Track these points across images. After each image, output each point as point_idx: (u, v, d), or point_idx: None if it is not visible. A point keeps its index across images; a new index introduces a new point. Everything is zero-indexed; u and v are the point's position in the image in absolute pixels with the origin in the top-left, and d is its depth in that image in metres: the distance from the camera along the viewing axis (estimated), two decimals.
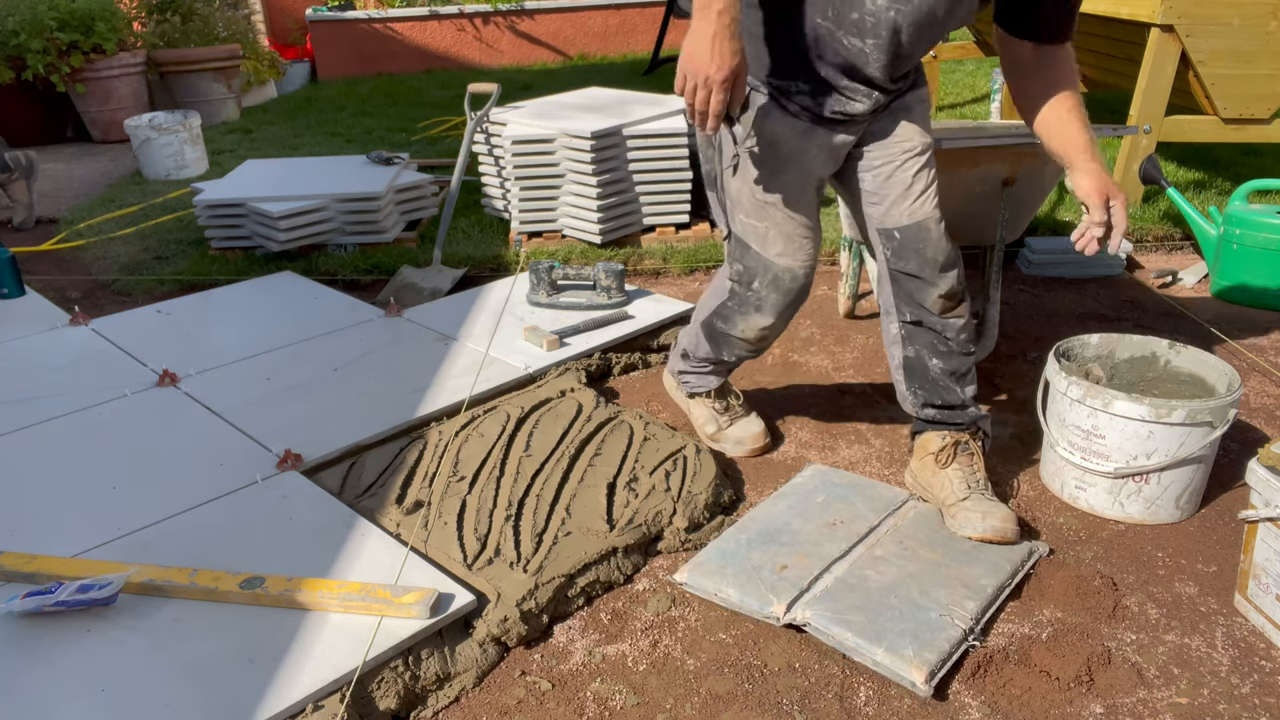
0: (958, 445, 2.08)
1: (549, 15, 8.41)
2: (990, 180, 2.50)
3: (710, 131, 1.73)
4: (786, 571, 1.87)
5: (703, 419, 2.41)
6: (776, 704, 1.62)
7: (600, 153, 3.53)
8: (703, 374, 2.37)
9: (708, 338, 2.25)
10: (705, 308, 2.24)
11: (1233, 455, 2.31)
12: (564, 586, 1.84)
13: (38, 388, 2.61)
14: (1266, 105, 3.76)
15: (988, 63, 6.98)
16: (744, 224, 2.02)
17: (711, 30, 1.64)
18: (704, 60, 1.65)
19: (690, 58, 1.67)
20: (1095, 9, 3.99)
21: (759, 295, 2.07)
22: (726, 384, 2.41)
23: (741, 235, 2.03)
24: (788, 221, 1.99)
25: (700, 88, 1.67)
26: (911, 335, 2.06)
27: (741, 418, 2.39)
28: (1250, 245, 3.15)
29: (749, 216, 2.00)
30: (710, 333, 2.23)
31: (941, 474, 2.07)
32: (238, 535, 1.96)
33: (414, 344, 2.85)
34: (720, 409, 2.39)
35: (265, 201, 3.64)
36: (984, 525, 1.96)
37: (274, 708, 1.51)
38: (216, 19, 6.81)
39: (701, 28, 1.65)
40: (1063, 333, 2.99)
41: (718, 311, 2.19)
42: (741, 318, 2.13)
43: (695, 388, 2.40)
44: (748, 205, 1.99)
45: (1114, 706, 1.60)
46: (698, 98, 1.69)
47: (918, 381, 2.10)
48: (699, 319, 2.27)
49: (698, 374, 2.38)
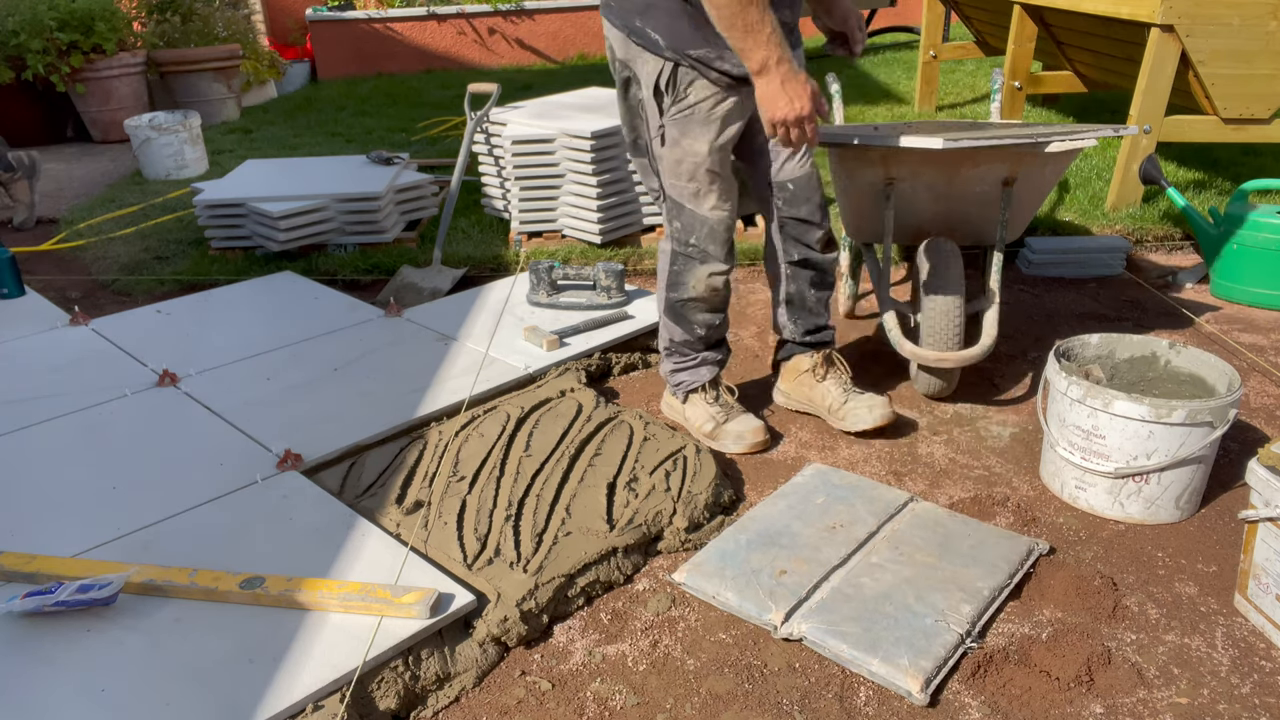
0: (827, 360, 2.44)
1: (549, 15, 8.41)
2: (990, 180, 2.50)
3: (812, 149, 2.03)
4: (785, 577, 1.87)
5: (700, 419, 2.41)
6: (776, 704, 1.62)
7: (600, 153, 3.53)
8: (691, 366, 2.41)
9: (673, 319, 2.36)
10: (659, 293, 2.37)
11: (1233, 455, 2.31)
12: (564, 586, 1.84)
13: (38, 388, 2.61)
14: (1266, 105, 3.76)
15: (988, 63, 6.98)
16: (676, 186, 2.18)
17: (780, 79, 1.90)
18: (786, 107, 1.92)
19: (774, 109, 1.93)
20: (1095, 9, 3.99)
21: (700, 249, 2.24)
22: (718, 378, 2.44)
23: (676, 197, 2.20)
24: (714, 178, 2.16)
25: (794, 128, 1.94)
26: (795, 274, 2.39)
27: (739, 414, 2.41)
28: (1250, 245, 3.15)
29: (679, 179, 2.16)
30: (672, 312, 2.35)
31: (820, 386, 2.45)
32: (238, 535, 1.96)
33: (414, 344, 2.85)
34: (713, 401, 2.41)
35: (265, 201, 3.64)
36: (872, 417, 2.34)
37: (274, 708, 1.51)
38: (216, 19, 6.81)
39: (769, 81, 1.90)
40: (1063, 333, 2.99)
41: (670, 285, 2.31)
42: (690, 274, 2.27)
43: (689, 384, 2.42)
44: (678, 169, 2.15)
45: (1114, 706, 1.60)
46: (794, 136, 1.95)
47: (798, 312, 2.44)
48: (660, 309, 2.40)
49: (686, 367, 2.42)
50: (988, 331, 2.46)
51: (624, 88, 2.18)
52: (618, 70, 2.17)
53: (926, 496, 2.20)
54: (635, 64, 2.10)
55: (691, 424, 2.44)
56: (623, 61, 2.14)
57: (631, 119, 2.22)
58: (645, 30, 2.02)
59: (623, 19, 2.07)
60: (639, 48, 2.06)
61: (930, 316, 2.44)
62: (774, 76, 1.89)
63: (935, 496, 2.20)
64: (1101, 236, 3.61)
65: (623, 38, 2.09)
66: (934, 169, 2.47)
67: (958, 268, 2.45)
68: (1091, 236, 3.64)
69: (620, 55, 2.13)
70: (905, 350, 2.45)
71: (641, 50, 2.05)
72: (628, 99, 2.20)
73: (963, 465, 2.32)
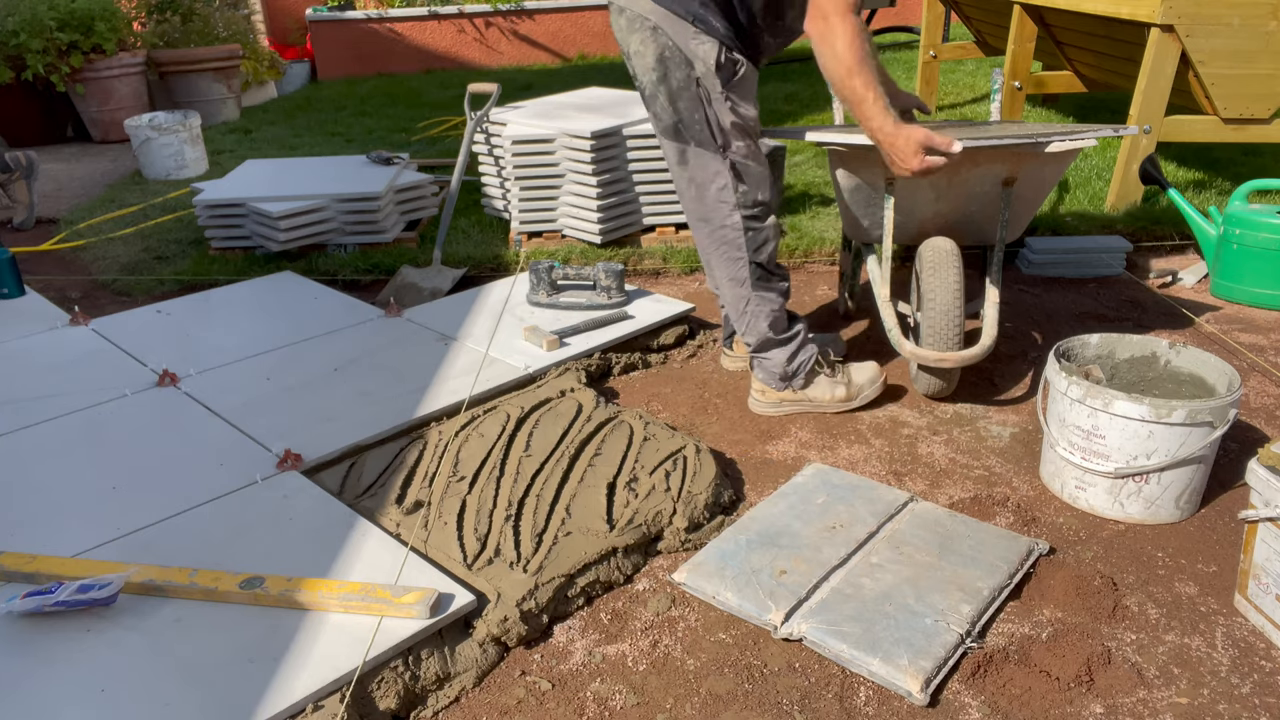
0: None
1: (549, 15, 8.41)
2: (990, 180, 2.50)
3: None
4: (785, 577, 1.87)
5: (827, 394, 2.55)
6: (776, 704, 1.62)
7: (600, 153, 3.53)
8: (801, 346, 2.52)
9: (764, 288, 2.45)
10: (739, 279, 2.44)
11: (1233, 455, 2.31)
12: (564, 586, 1.84)
13: (38, 388, 2.61)
14: (1266, 105, 3.76)
15: (988, 62, 6.98)
16: (741, 149, 2.33)
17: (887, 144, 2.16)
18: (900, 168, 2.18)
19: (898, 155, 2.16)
20: (1095, 9, 3.99)
21: (764, 203, 2.40)
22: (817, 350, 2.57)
23: (742, 159, 2.34)
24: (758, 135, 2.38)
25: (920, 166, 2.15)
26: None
27: (854, 367, 2.58)
28: (1250, 245, 3.15)
29: (744, 140, 2.33)
30: (761, 281, 2.45)
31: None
32: (238, 535, 1.96)
33: (414, 344, 2.85)
34: (829, 370, 2.56)
35: (265, 201, 3.64)
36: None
37: (274, 708, 1.51)
38: (216, 19, 6.81)
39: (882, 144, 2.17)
40: (1063, 333, 2.99)
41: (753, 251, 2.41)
42: (765, 230, 2.42)
43: (809, 363, 2.53)
44: (741, 132, 2.31)
45: (1114, 706, 1.60)
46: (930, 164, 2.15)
47: None
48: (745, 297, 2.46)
49: (800, 350, 2.52)
50: (987, 331, 2.46)
51: (669, 70, 2.25)
52: (664, 56, 2.23)
53: (926, 496, 2.20)
54: (691, 46, 2.21)
55: (819, 400, 2.55)
56: (675, 45, 2.22)
57: (675, 100, 2.28)
58: (707, 18, 2.19)
59: (684, 5, 2.20)
60: (699, 31, 2.20)
61: (930, 316, 2.43)
62: (882, 142, 2.17)
63: (935, 496, 2.20)
64: (1101, 236, 3.61)
65: (680, 22, 2.20)
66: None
67: (958, 268, 2.45)
68: (1091, 236, 3.64)
69: (674, 39, 2.21)
70: (905, 350, 2.45)
71: (700, 33, 2.20)
72: (672, 82, 2.26)
73: (963, 465, 2.32)
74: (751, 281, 2.44)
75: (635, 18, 2.24)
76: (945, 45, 6.10)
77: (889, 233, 2.56)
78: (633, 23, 2.24)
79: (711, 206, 2.37)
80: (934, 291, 2.43)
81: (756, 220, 2.39)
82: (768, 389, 2.56)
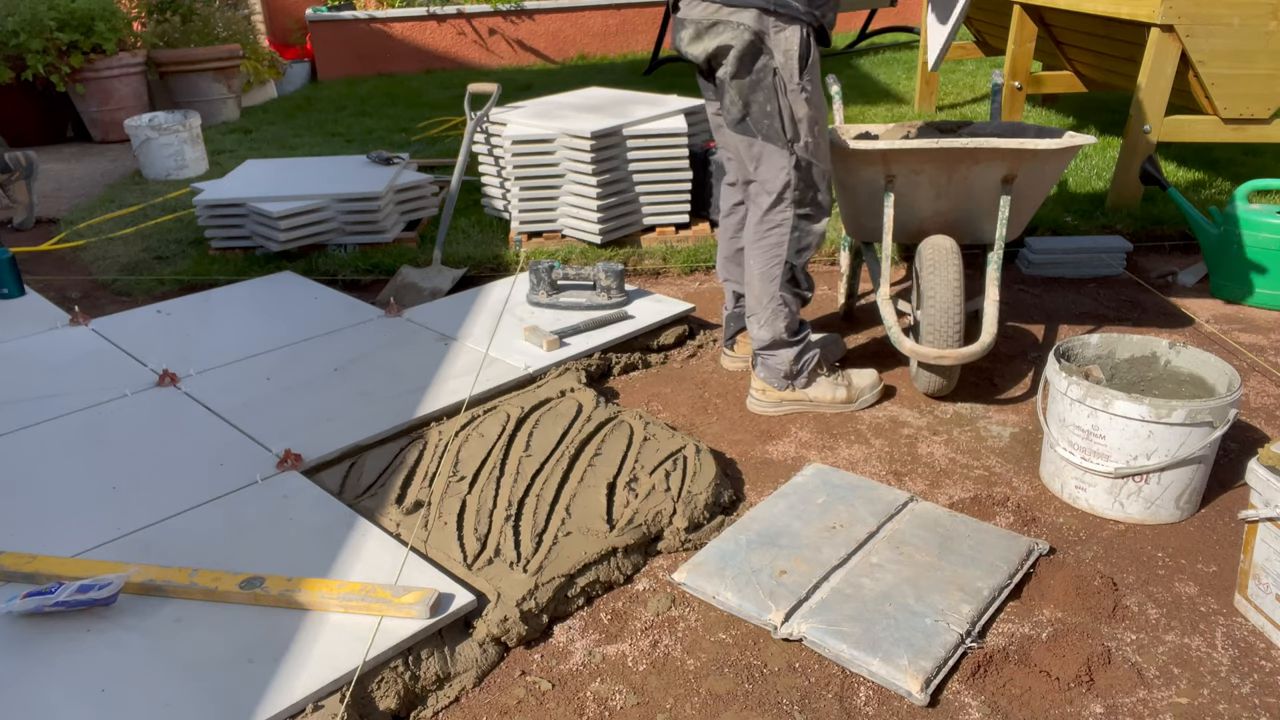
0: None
1: (549, 15, 8.41)
2: (989, 178, 2.50)
3: None
4: (785, 577, 1.87)
5: (828, 394, 2.57)
6: (776, 704, 1.62)
7: (600, 153, 3.53)
8: (807, 348, 2.54)
9: (790, 290, 2.46)
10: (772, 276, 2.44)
11: (1233, 455, 2.31)
12: (564, 586, 1.84)
13: (38, 388, 2.61)
14: (1266, 105, 3.76)
15: (988, 62, 6.98)
16: (811, 144, 2.32)
17: None
18: None
19: None
20: (1095, 9, 3.99)
21: (821, 205, 2.40)
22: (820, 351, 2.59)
23: (809, 155, 2.33)
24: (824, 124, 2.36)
25: None
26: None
27: (854, 372, 2.61)
28: (1250, 245, 3.15)
29: (814, 135, 2.32)
30: (792, 283, 2.46)
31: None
32: (238, 535, 1.96)
33: (414, 344, 2.85)
34: (828, 372, 2.59)
35: (265, 201, 3.64)
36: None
37: (274, 707, 1.51)
38: (216, 19, 6.81)
39: None
40: (1063, 333, 2.99)
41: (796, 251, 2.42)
42: (813, 233, 2.42)
43: (812, 364, 2.55)
44: (814, 125, 2.31)
45: (1114, 706, 1.60)
46: None
47: None
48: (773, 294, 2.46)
49: (805, 352, 2.53)
50: (987, 329, 2.46)
51: (747, 64, 2.25)
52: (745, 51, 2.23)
53: (926, 496, 2.20)
54: (771, 34, 2.21)
55: (820, 401, 2.57)
56: (757, 34, 2.22)
57: (750, 92, 2.28)
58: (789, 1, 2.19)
59: None
60: (778, 18, 2.20)
61: (930, 314, 2.43)
62: None
63: (935, 496, 2.20)
64: (1101, 236, 3.61)
65: (757, 13, 2.21)
66: (934, 166, 2.47)
67: (958, 266, 2.45)
68: (1091, 236, 3.64)
69: (755, 29, 2.21)
70: (905, 348, 2.45)
71: (779, 20, 2.20)
72: (749, 75, 2.26)
73: (963, 465, 2.32)
74: (782, 281, 2.45)
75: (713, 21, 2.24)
76: None
77: (889, 231, 2.56)
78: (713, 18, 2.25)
79: (770, 200, 2.39)
80: (934, 289, 2.43)
81: (808, 220, 2.40)
82: (769, 388, 2.55)
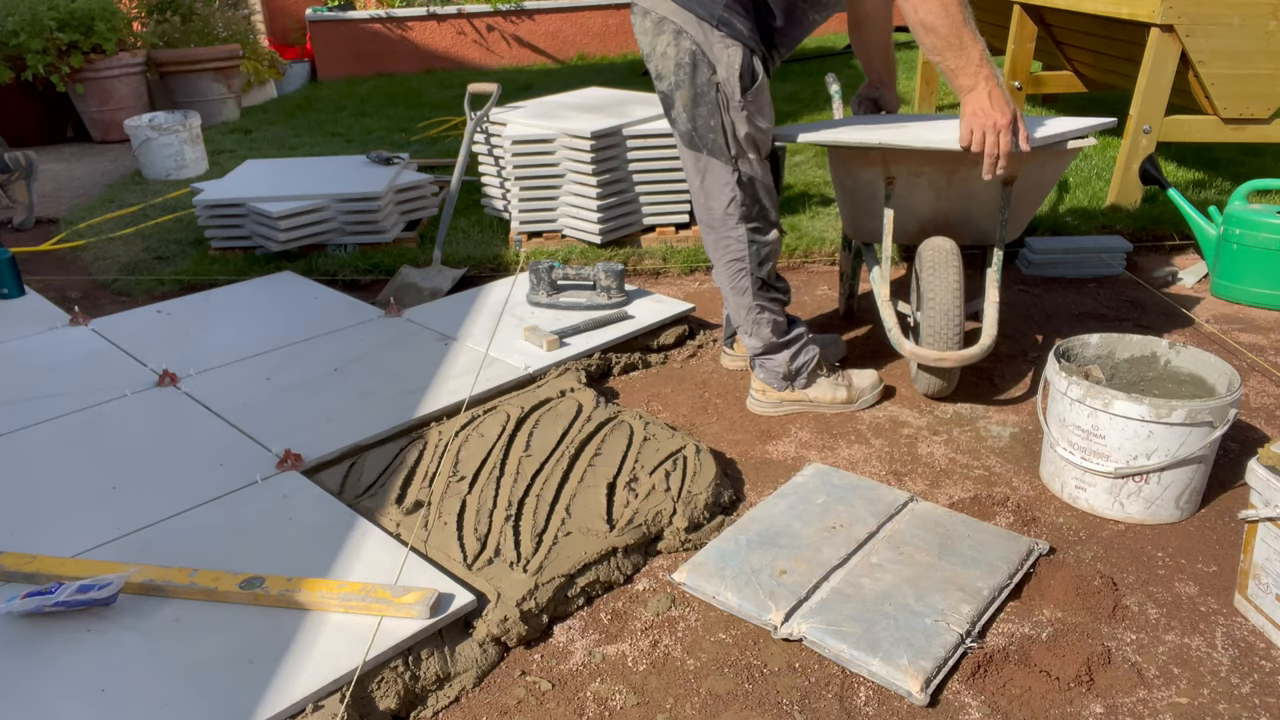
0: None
1: (549, 15, 8.41)
2: (990, 180, 2.49)
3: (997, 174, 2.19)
4: (785, 577, 1.87)
5: (828, 394, 2.57)
6: (776, 704, 1.62)
7: (600, 153, 3.53)
8: (803, 347, 2.54)
9: (766, 300, 2.47)
10: (744, 288, 2.45)
11: (1233, 455, 2.31)
12: (564, 586, 1.84)
13: (38, 388, 2.61)
14: (1266, 105, 3.76)
15: None
16: (751, 162, 2.34)
17: (988, 90, 2.11)
18: (991, 113, 2.12)
19: (978, 114, 2.14)
20: (1095, 9, 3.99)
21: (770, 218, 2.42)
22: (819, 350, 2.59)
23: (751, 172, 2.34)
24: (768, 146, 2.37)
25: (990, 133, 2.13)
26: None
27: (854, 372, 2.61)
28: (1250, 245, 3.15)
29: (753, 153, 2.33)
30: (764, 293, 2.46)
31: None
32: (238, 535, 1.96)
33: (414, 344, 2.85)
34: (828, 372, 2.58)
35: (265, 201, 3.64)
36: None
37: (274, 708, 1.51)
38: (216, 19, 6.81)
39: (979, 95, 2.12)
40: (1063, 333, 2.99)
41: (758, 264, 2.43)
42: (769, 243, 2.44)
43: (810, 364, 2.55)
44: (753, 144, 2.31)
45: (1114, 706, 1.60)
46: (988, 143, 2.14)
47: None
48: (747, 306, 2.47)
49: (801, 352, 2.53)
50: (987, 331, 2.46)
51: (691, 75, 2.23)
52: (687, 60, 2.21)
53: (926, 496, 2.20)
54: (715, 50, 2.20)
55: (820, 401, 2.57)
56: (700, 49, 2.20)
57: (694, 106, 2.27)
58: (732, 21, 2.19)
59: (707, 9, 2.19)
60: (724, 35, 2.19)
61: (930, 316, 2.43)
62: (983, 91, 2.12)
63: (935, 496, 2.20)
64: (1101, 236, 3.61)
65: (705, 26, 2.19)
66: (934, 167, 2.47)
67: (958, 267, 2.45)
68: (1091, 236, 3.64)
69: (700, 43, 2.20)
70: (905, 350, 2.44)
71: (725, 37, 2.19)
72: (692, 88, 2.24)
73: (963, 465, 2.32)
74: (753, 292, 2.46)
75: (660, 20, 2.22)
76: None
77: (889, 232, 2.56)
78: (658, 25, 2.23)
79: (719, 216, 2.38)
80: (934, 291, 2.43)
81: (759, 234, 2.40)
82: (768, 389, 2.55)
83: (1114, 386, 2.24)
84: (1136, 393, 2.09)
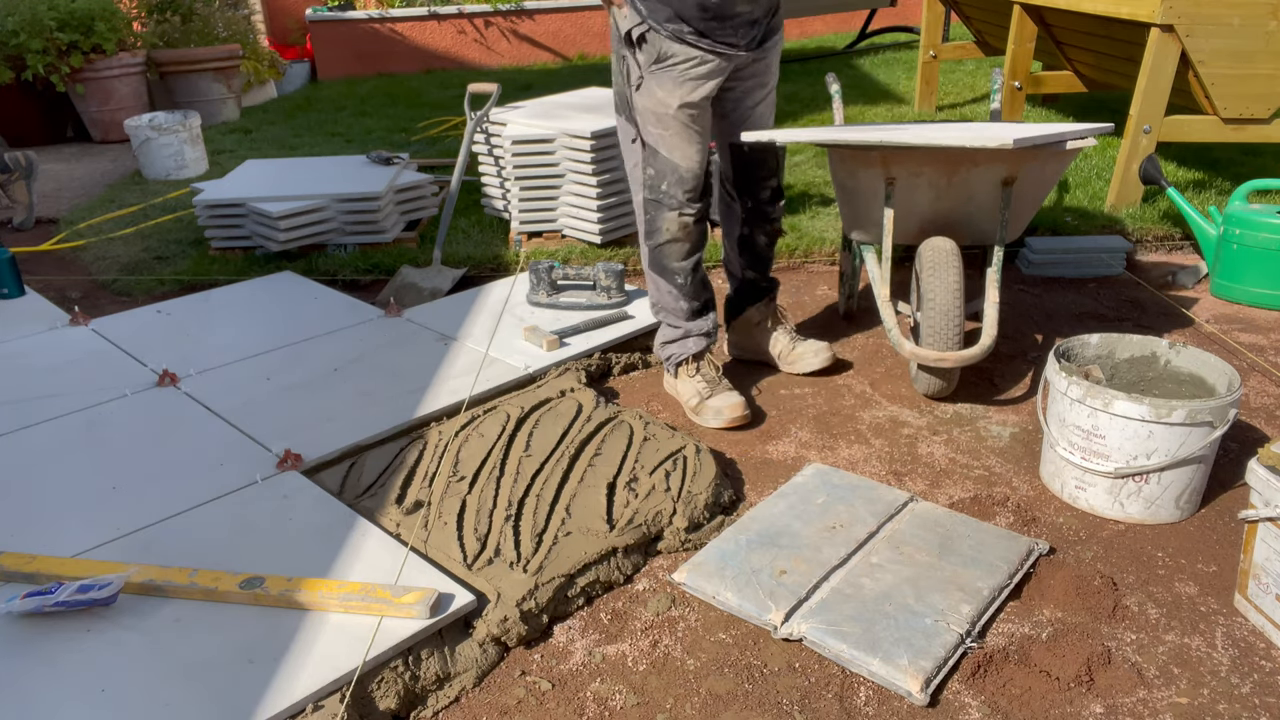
0: (773, 312, 2.76)
1: (549, 15, 8.41)
2: (990, 180, 2.50)
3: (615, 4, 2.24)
4: (785, 577, 1.87)
5: (687, 393, 2.55)
6: (776, 704, 1.62)
7: (600, 153, 3.53)
8: (678, 338, 2.57)
9: (656, 270, 2.53)
10: (642, 251, 2.55)
11: (1233, 455, 2.31)
12: (564, 586, 1.84)
13: (38, 388, 2.61)
14: (1266, 105, 3.76)
15: (988, 62, 6.98)
16: (651, 133, 2.38)
17: None
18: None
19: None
20: (1095, 9, 3.99)
21: (669, 194, 2.42)
22: (703, 353, 2.58)
23: (652, 144, 2.39)
24: (683, 129, 2.35)
25: None
26: (749, 217, 2.64)
27: (723, 390, 2.53)
28: (1250, 245, 3.15)
29: (654, 126, 2.36)
30: (655, 263, 2.52)
31: (770, 335, 2.76)
32: (238, 535, 1.96)
33: (414, 344, 2.85)
34: (694, 374, 2.56)
35: (265, 201, 3.64)
36: (818, 360, 2.70)
37: (274, 708, 1.51)
38: (216, 19, 6.81)
39: None
40: (1063, 333, 2.99)
41: (647, 234, 2.50)
42: (661, 219, 2.45)
43: (677, 356, 2.58)
44: (652, 117, 2.35)
45: (1114, 706, 1.60)
46: None
47: (749, 255, 2.70)
48: (645, 264, 2.57)
49: (674, 339, 2.58)
50: (987, 331, 2.46)
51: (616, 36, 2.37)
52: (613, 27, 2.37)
53: (926, 496, 2.20)
54: (621, 20, 2.30)
55: (681, 398, 2.57)
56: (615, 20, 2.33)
57: (616, 76, 2.42)
58: None
59: None
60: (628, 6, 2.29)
61: (930, 316, 2.43)
62: None
63: (935, 496, 2.20)
64: (1101, 236, 3.61)
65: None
66: (934, 167, 2.47)
67: (958, 268, 2.45)
68: (1091, 236, 3.64)
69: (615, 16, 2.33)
70: (905, 350, 2.45)
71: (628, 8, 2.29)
72: (614, 55, 2.42)
73: (963, 465, 2.32)
74: (648, 260, 2.53)
75: None
76: (945, 45, 6.10)
77: (889, 232, 2.56)
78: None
79: (631, 176, 2.50)
80: (934, 291, 2.43)
81: (655, 205, 2.44)
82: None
83: (1114, 386, 2.24)
84: (1136, 393, 2.09)
